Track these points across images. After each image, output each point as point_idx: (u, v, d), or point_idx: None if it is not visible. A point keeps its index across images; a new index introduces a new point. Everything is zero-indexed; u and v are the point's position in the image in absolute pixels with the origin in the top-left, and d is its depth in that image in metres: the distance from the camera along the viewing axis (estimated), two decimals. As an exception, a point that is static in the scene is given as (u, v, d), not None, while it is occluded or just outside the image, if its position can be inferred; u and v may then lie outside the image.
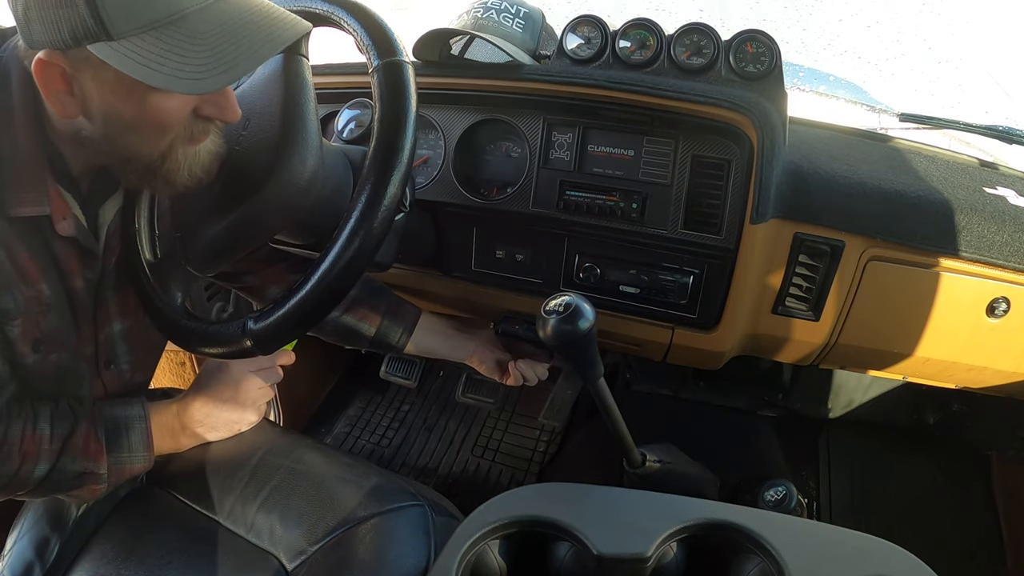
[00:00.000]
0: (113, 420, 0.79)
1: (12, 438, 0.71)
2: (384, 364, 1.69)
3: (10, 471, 0.71)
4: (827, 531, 0.59)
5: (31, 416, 0.73)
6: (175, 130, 0.63)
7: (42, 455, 0.73)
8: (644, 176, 0.95)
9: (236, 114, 0.66)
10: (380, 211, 0.68)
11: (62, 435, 0.75)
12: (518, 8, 1.08)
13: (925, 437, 1.46)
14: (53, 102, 0.59)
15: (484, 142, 1.04)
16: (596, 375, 0.75)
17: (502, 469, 1.55)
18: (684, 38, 0.97)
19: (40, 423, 0.73)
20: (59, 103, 0.59)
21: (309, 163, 0.73)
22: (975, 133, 1.19)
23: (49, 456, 0.74)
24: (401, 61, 0.72)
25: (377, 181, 0.68)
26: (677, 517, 0.59)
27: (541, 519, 0.59)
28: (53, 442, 0.74)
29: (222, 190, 0.74)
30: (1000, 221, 0.90)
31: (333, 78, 1.09)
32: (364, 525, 0.79)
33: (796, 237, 0.92)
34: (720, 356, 1.03)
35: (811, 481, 1.44)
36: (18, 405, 0.73)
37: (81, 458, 0.76)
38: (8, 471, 0.71)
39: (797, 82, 1.38)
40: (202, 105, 0.63)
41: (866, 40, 2.89)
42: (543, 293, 0.88)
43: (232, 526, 0.84)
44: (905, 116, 1.24)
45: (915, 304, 0.94)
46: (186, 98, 0.61)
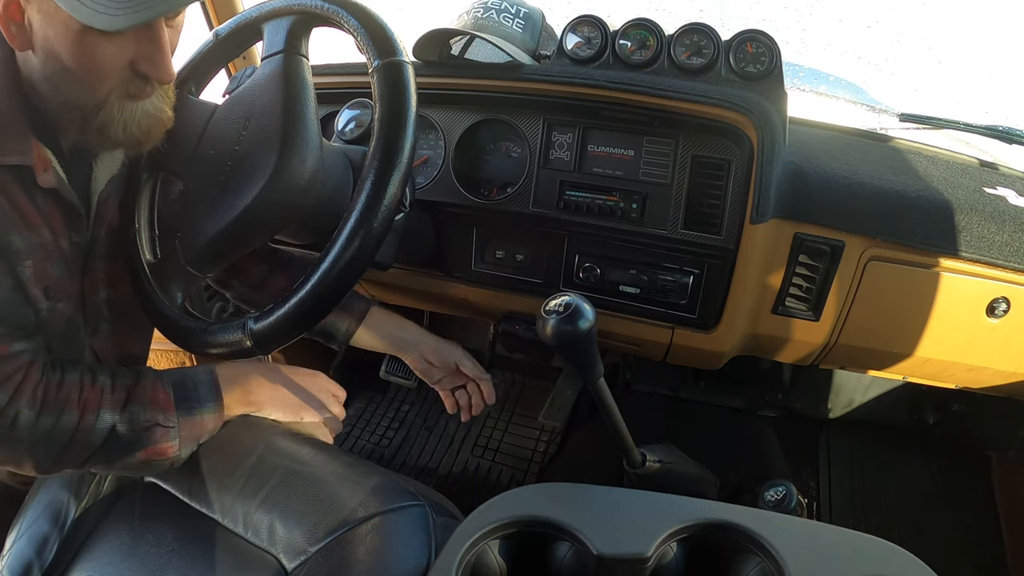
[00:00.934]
0: (178, 374, 0.80)
1: (68, 386, 0.71)
2: (384, 364, 1.68)
3: (70, 423, 0.71)
4: (827, 531, 0.59)
5: (86, 370, 0.73)
6: (110, 80, 0.64)
7: (104, 403, 0.73)
8: (644, 176, 0.95)
9: (169, 75, 0.66)
10: (380, 211, 0.68)
11: (125, 385, 0.75)
12: (518, 8, 1.08)
13: (925, 437, 1.46)
14: (6, 31, 0.61)
15: (484, 142, 1.04)
16: (596, 375, 0.75)
17: (502, 469, 1.55)
18: (684, 38, 0.97)
19: (100, 376, 0.74)
20: (10, 33, 0.61)
21: (309, 163, 0.73)
22: (975, 133, 1.19)
23: (113, 405, 0.73)
24: (401, 61, 0.72)
25: (377, 181, 0.68)
26: (677, 517, 0.59)
27: (541, 519, 0.59)
28: (116, 391, 0.74)
29: (222, 190, 0.74)
30: (1000, 221, 0.90)
31: (333, 78, 1.09)
32: (364, 525, 0.79)
33: (796, 237, 0.92)
34: (720, 356, 1.03)
35: (811, 481, 1.44)
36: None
37: (150, 408, 0.75)
38: (68, 423, 0.71)
39: (797, 82, 1.38)
40: (138, 60, 0.64)
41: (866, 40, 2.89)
42: (543, 293, 0.88)
43: (231, 525, 0.84)
44: (905, 116, 1.23)
45: (915, 304, 0.94)
46: (120, 47, 0.63)
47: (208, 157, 0.77)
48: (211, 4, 1.18)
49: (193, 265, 0.77)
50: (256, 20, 0.79)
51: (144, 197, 0.81)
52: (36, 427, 0.69)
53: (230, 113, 0.77)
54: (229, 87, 1.06)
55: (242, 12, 0.82)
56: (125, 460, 0.76)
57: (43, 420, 0.70)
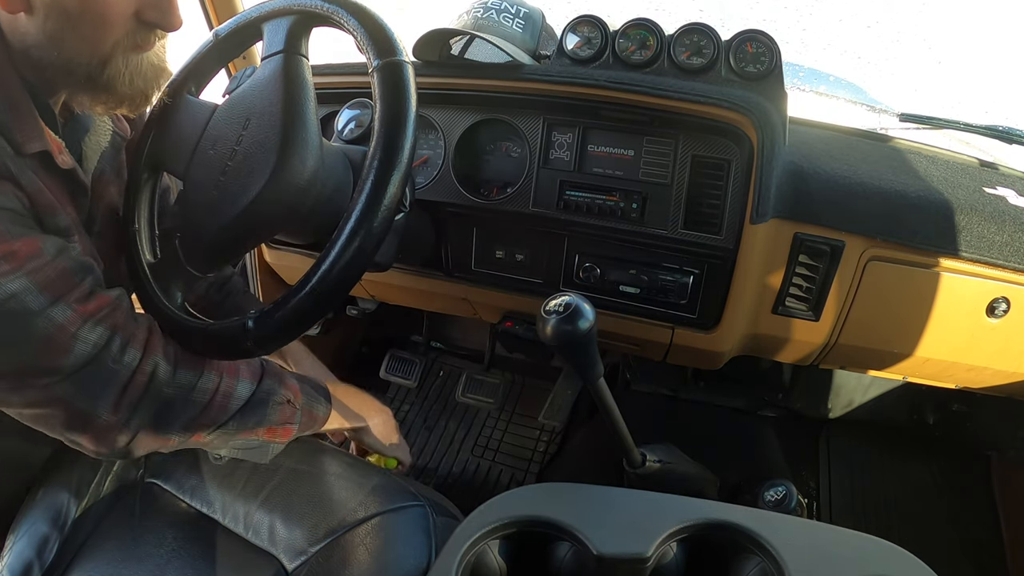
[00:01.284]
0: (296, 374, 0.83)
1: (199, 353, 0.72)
2: (384, 364, 1.69)
3: (210, 383, 0.72)
4: (827, 531, 0.59)
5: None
6: (116, 31, 0.62)
7: (242, 372, 0.75)
8: (644, 176, 0.95)
9: (178, 22, 0.65)
10: (380, 211, 0.68)
11: (258, 362, 0.77)
12: (518, 8, 1.08)
13: (925, 437, 1.46)
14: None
15: (484, 142, 1.04)
16: (596, 375, 0.75)
17: (502, 469, 1.55)
18: (684, 38, 0.97)
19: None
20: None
21: (309, 163, 0.73)
22: (975, 133, 1.19)
23: (251, 375, 0.76)
24: (401, 61, 0.72)
25: (377, 181, 0.68)
26: (677, 517, 0.59)
27: (541, 519, 0.59)
28: (251, 365, 0.76)
29: (222, 190, 0.74)
30: (1000, 221, 0.90)
31: (333, 78, 1.09)
32: (365, 525, 0.79)
33: (796, 237, 0.92)
34: (720, 356, 1.03)
35: (811, 481, 1.44)
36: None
37: (283, 387, 0.78)
38: (208, 383, 0.72)
39: (797, 82, 1.38)
40: (144, 9, 0.63)
41: (866, 40, 2.88)
42: (543, 293, 0.88)
43: (232, 526, 0.84)
44: (905, 116, 1.23)
45: (915, 304, 0.94)
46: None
47: (208, 157, 0.77)
48: (211, 4, 1.18)
49: (193, 265, 0.77)
50: (256, 20, 0.79)
51: (144, 197, 0.81)
52: (175, 381, 0.69)
53: (230, 113, 0.77)
54: (229, 87, 1.06)
55: (242, 12, 0.82)
56: (249, 434, 0.78)
57: (181, 376, 0.70)
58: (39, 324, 0.60)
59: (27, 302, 0.59)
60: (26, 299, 0.59)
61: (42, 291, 0.60)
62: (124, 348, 0.66)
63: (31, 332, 0.60)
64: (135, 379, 0.66)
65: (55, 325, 0.61)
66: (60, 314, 0.62)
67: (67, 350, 0.62)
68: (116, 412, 0.66)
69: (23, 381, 0.62)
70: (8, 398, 0.64)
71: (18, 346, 0.60)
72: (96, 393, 0.65)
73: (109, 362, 0.65)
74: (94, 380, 0.64)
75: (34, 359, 0.61)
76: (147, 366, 0.67)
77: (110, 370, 0.65)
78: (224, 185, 0.74)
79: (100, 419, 0.65)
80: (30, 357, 0.61)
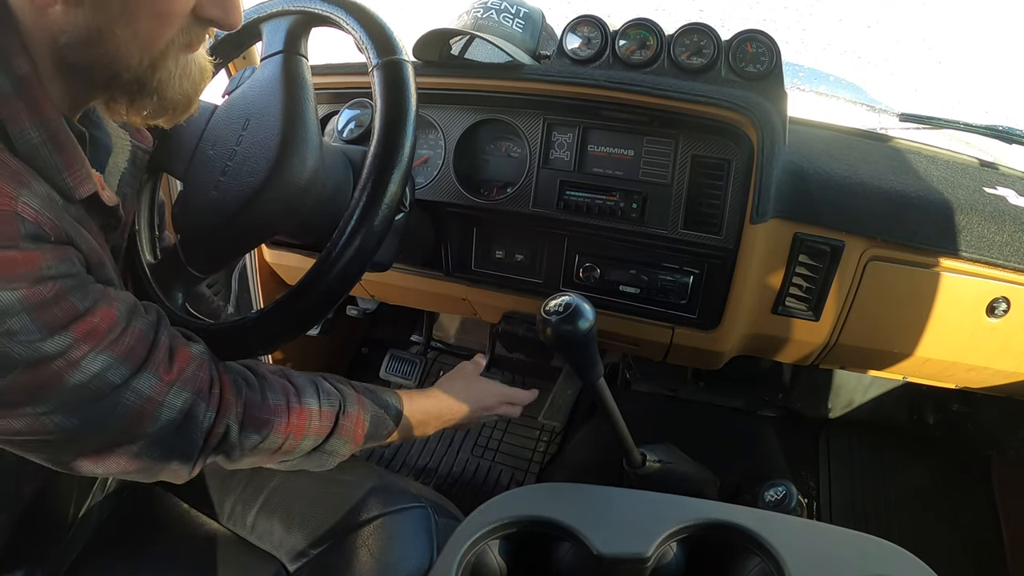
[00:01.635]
0: (379, 403, 0.81)
1: (273, 408, 0.69)
2: (384, 364, 1.69)
3: (275, 444, 0.70)
4: (827, 531, 0.59)
5: (292, 389, 0.72)
6: (173, 28, 0.55)
7: (310, 430, 0.72)
8: (644, 176, 0.95)
9: (239, 19, 0.58)
10: (381, 209, 0.68)
11: (332, 412, 0.75)
12: (518, 8, 1.08)
13: (925, 437, 1.46)
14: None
15: (484, 142, 1.04)
16: (596, 375, 0.75)
17: (502, 469, 1.55)
18: (684, 38, 0.97)
19: (306, 397, 0.73)
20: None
21: (309, 162, 0.73)
22: (975, 133, 1.19)
23: (318, 432, 0.73)
24: (401, 60, 0.72)
25: (377, 179, 0.68)
26: (677, 517, 0.59)
27: (541, 519, 0.59)
28: (323, 419, 0.74)
29: (222, 191, 0.74)
30: (1000, 221, 0.90)
31: (333, 78, 1.09)
32: (366, 527, 0.79)
33: (796, 237, 0.92)
34: (720, 356, 1.03)
35: (811, 481, 1.44)
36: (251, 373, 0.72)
37: (350, 442, 0.77)
38: (273, 443, 0.70)
39: (797, 82, 1.38)
40: (204, 4, 0.55)
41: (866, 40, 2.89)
42: (543, 293, 0.88)
43: (233, 528, 0.84)
44: (905, 116, 1.24)
45: (915, 304, 0.94)
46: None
47: (208, 157, 0.77)
48: (211, 4, 1.18)
49: (194, 266, 0.77)
50: (255, 20, 0.79)
51: (144, 197, 0.81)
52: (241, 442, 0.67)
53: (230, 113, 0.77)
54: (229, 87, 1.06)
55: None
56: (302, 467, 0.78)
57: (247, 437, 0.68)
58: (126, 398, 0.57)
59: (111, 378, 0.56)
60: (110, 375, 0.56)
61: (124, 362, 0.57)
62: (205, 411, 0.64)
63: (118, 408, 0.57)
64: (209, 440, 0.65)
65: (143, 398, 0.58)
66: (146, 385, 0.59)
67: (154, 418, 0.60)
68: (188, 463, 0.65)
69: (105, 453, 0.60)
70: (92, 469, 0.60)
71: (103, 423, 0.57)
72: (174, 453, 0.63)
73: (190, 426, 0.63)
74: (175, 442, 0.63)
75: (119, 433, 0.59)
76: (220, 428, 0.65)
77: (189, 434, 0.63)
78: (224, 185, 0.74)
79: (173, 470, 0.64)
80: (115, 432, 0.58)
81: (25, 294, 0.50)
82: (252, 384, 0.70)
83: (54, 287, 0.52)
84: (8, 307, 0.49)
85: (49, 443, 0.56)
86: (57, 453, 0.58)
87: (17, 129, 0.52)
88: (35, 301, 0.50)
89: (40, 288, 0.51)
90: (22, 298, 0.49)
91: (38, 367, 0.52)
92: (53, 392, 0.53)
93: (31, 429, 0.54)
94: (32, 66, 0.52)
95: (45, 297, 0.51)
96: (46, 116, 0.53)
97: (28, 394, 0.52)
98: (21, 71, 0.52)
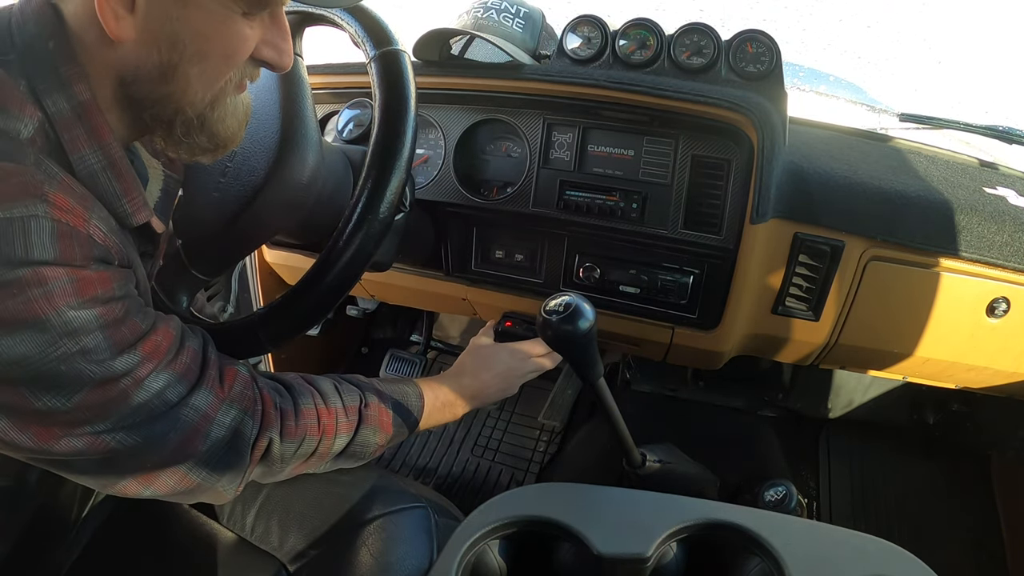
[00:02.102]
0: (397, 394, 0.81)
1: (305, 413, 0.71)
2: (384, 364, 1.69)
3: (310, 448, 0.71)
4: (827, 531, 0.59)
5: (315, 392, 0.73)
6: (234, 67, 0.57)
7: (340, 428, 0.74)
8: (644, 176, 0.95)
9: (291, 62, 0.60)
10: (381, 208, 0.68)
11: (355, 407, 0.76)
12: (518, 8, 1.08)
13: (925, 437, 1.46)
14: (109, 17, 0.50)
15: (484, 142, 1.04)
16: (596, 375, 0.75)
17: (502, 469, 1.55)
18: (684, 38, 0.97)
19: (330, 397, 0.74)
20: (114, 17, 0.50)
21: (309, 161, 0.73)
22: (975, 133, 1.19)
23: (348, 428, 0.75)
24: (397, 50, 0.72)
25: (380, 171, 0.69)
26: (677, 517, 0.59)
27: (541, 519, 0.59)
28: (349, 414, 0.75)
29: (223, 192, 0.74)
30: (1000, 221, 0.90)
31: (332, 78, 1.09)
32: (366, 527, 0.79)
33: (796, 237, 0.92)
34: (720, 356, 1.03)
35: (811, 481, 1.44)
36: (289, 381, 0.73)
37: (380, 430, 0.78)
38: (308, 448, 0.71)
39: (797, 82, 1.38)
40: (261, 47, 0.57)
41: (866, 40, 2.89)
42: (543, 293, 0.88)
43: (233, 528, 0.84)
44: (905, 116, 1.24)
45: (915, 304, 0.94)
46: (254, 31, 0.56)
47: None
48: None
49: (198, 268, 0.77)
50: None
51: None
52: (281, 452, 0.69)
53: (229, 113, 0.77)
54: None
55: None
56: (342, 467, 0.79)
57: (287, 446, 0.69)
58: (184, 415, 0.58)
59: (170, 396, 0.57)
60: (169, 394, 0.57)
61: (181, 380, 0.58)
62: (251, 427, 0.65)
63: (177, 424, 0.58)
64: (254, 454, 0.66)
65: (199, 414, 0.59)
66: (203, 401, 0.60)
67: (205, 436, 0.61)
68: (235, 481, 0.66)
69: (157, 472, 0.59)
70: (140, 491, 0.60)
71: (163, 440, 0.57)
72: (223, 472, 0.64)
73: (238, 443, 0.64)
74: (223, 460, 0.63)
75: (173, 451, 0.59)
76: (263, 441, 0.66)
77: (238, 450, 0.64)
78: (225, 187, 0.74)
79: (218, 490, 0.65)
80: (170, 450, 0.58)
81: (100, 312, 0.51)
82: (283, 394, 0.71)
83: (123, 306, 0.54)
84: (85, 325, 0.50)
85: (105, 462, 0.56)
86: (109, 473, 0.58)
87: (77, 155, 0.53)
88: (109, 319, 0.52)
89: (112, 307, 0.52)
90: (98, 316, 0.51)
91: (107, 385, 0.53)
92: (117, 410, 0.54)
93: (91, 448, 0.54)
94: (92, 94, 0.53)
95: (116, 316, 0.53)
96: (105, 142, 0.55)
97: (94, 412, 0.53)
98: (82, 96, 0.53)
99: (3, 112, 0.49)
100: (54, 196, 0.49)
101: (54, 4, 0.52)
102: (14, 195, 0.46)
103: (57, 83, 0.52)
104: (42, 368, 0.49)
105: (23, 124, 0.50)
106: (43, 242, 0.47)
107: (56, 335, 0.49)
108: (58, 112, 0.52)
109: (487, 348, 0.97)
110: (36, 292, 0.47)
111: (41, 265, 0.47)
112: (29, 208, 0.47)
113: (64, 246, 0.49)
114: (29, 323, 0.47)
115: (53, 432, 0.52)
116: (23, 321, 0.47)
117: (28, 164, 0.49)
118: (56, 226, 0.48)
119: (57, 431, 0.52)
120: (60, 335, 0.49)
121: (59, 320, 0.48)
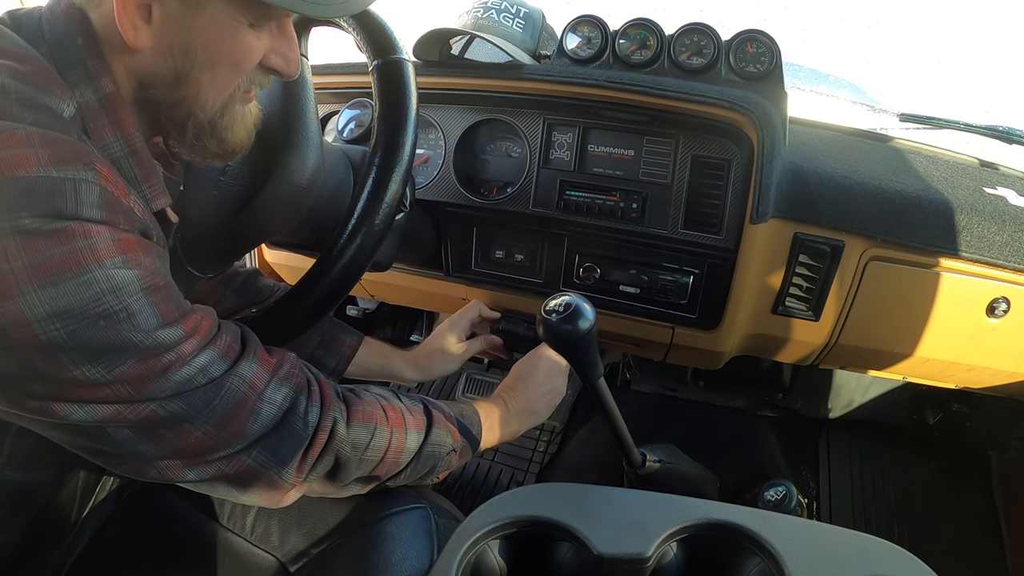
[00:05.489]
0: (454, 408, 0.81)
1: (369, 402, 0.70)
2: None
3: (383, 440, 0.70)
4: (827, 531, 0.59)
5: (371, 390, 0.73)
6: (242, 76, 0.60)
7: (409, 424, 0.73)
8: (644, 176, 0.95)
9: (297, 70, 0.62)
10: (382, 208, 0.68)
11: (420, 409, 0.75)
12: (518, 8, 1.08)
13: (925, 437, 1.46)
14: (127, 25, 0.53)
15: (484, 142, 1.04)
16: (596, 375, 0.75)
17: (502, 469, 1.55)
18: (684, 38, 0.97)
19: (390, 398, 0.74)
20: (132, 28, 0.53)
21: (310, 162, 0.73)
22: (975, 133, 1.19)
23: (417, 426, 0.74)
24: (401, 59, 0.72)
25: (378, 178, 0.69)
26: (677, 517, 0.59)
27: (541, 519, 0.59)
28: (414, 414, 0.74)
29: (223, 190, 0.74)
30: (1000, 221, 0.90)
31: (333, 78, 1.09)
32: (366, 528, 0.79)
33: (796, 237, 0.92)
34: (720, 356, 1.03)
35: (811, 481, 1.44)
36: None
37: (450, 435, 0.77)
38: (381, 440, 0.70)
39: (797, 82, 1.38)
40: (269, 55, 0.60)
41: (866, 40, 2.89)
42: (543, 293, 0.88)
43: (233, 527, 0.84)
44: (905, 116, 1.24)
45: (915, 304, 0.94)
46: (262, 41, 0.58)
47: None
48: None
49: (194, 265, 0.77)
50: None
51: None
52: (350, 437, 0.67)
53: (230, 113, 0.77)
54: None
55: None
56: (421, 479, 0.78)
57: (355, 432, 0.67)
58: (229, 383, 0.58)
59: (213, 371, 0.57)
60: (212, 369, 0.57)
61: (223, 357, 0.58)
62: (308, 407, 0.64)
63: (219, 392, 0.57)
64: (317, 438, 0.64)
65: (245, 382, 0.59)
66: (248, 369, 0.59)
67: (254, 413, 0.59)
68: (300, 473, 0.64)
69: (204, 457, 0.58)
70: (185, 474, 0.59)
71: (207, 408, 0.56)
72: (282, 457, 0.62)
73: (296, 423, 0.62)
74: (281, 444, 0.62)
75: (219, 429, 0.58)
76: (327, 422, 0.65)
77: (296, 433, 0.62)
78: (225, 185, 0.74)
79: (283, 483, 0.63)
80: (216, 427, 0.57)
81: (143, 275, 0.51)
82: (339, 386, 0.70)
83: (165, 278, 0.55)
84: (128, 284, 0.50)
85: (143, 434, 0.55)
86: (148, 448, 0.57)
87: (102, 143, 0.56)
88: (151, 284, 0.52)
89: (154, 274, 0.53)
90: (140, 277, 0.51)
91: (151, 359, 0.52)
92: (159, 386, 0.54)
93: (124, 418, 0.53)
94: (116, 87, 0.56)
95: (158, 283, 0.53)
96: (128, 132, 0.57)
97: (135, 387, 0.52)
98: (108, 89, 0.56)
99: (49, 93, 0.52)
100: (101, 167, 0.51)
101: (81, 7, 0.55)
102: (67, 159, 0.49)
103: (85, 75, 0.54)
104: (85, 328, 0.49)
105: (66, 104, 0.53)
106: (92, 202, 0.49)
107: (99, 290, 0.49)
108: (85, 103, 0.54)
109: (526, 365, 0.96)
110: (81, 243, 0.48)
111: (88, 221, 0.49)
112: (80, 172, 0.49)
113: (110, 211, 0.50)
114: (73, 273, 0.48)
115: (89, 408, 0.52)
116: (67, 270, 0.48)
117: (75, 139, 0.51)
118: (103, 192, 0.50)
119: (94, 406, 0.52)
120: (103, 291, 0.49)
121: (102, 273, 0.49)
